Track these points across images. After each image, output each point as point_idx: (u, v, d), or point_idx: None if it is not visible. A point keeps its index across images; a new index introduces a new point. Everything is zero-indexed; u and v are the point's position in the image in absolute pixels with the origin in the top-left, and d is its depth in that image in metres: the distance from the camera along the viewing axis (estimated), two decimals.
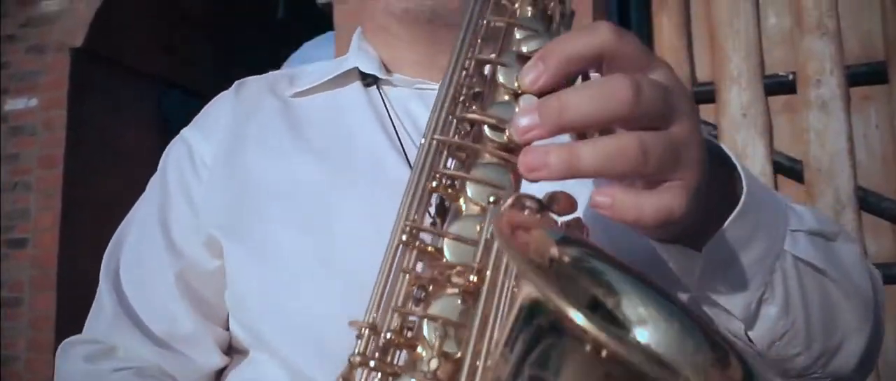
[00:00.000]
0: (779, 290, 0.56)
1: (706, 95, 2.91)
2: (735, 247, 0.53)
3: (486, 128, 0.47)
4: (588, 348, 0.29)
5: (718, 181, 0.50)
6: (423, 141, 0.49)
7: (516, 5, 0.51)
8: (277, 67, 4.47)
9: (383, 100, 0.80)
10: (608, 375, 0.29)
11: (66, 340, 0.79)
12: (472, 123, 0.48)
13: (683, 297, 0.55)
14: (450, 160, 0.48)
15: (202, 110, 0.86)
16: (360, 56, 0.85)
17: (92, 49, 3.40)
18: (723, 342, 0.36)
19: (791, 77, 2.78)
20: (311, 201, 0.73)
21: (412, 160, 0.65)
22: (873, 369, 0.67)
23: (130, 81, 3.67)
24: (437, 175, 0.47)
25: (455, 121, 0.49)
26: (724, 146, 0.56)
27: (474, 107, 0.48)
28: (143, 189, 0.84)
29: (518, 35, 0.49)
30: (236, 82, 0.88)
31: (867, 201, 2.62)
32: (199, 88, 4.00)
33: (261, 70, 2.95)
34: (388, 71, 0.83)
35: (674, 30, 2.93)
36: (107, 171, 3.50)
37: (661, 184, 0.44)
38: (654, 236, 0.51)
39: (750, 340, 0.58)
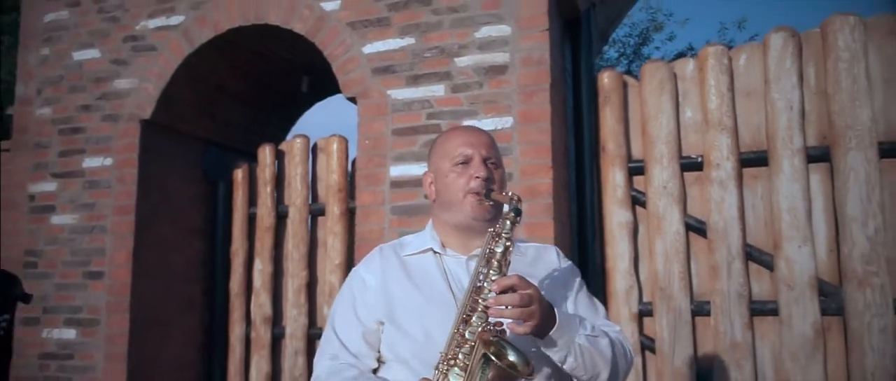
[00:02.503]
0: (572, 354, 1.58)
1: (638, 169, 3.79)
2: (555, 338, 1.55)
3: (480, 300, 1.52)
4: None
5: (550, 317, 1.52)
6: (462, 297, 1.61)
7: (500, 240, 1.49)
8: (293, 124, 5.33)
9: (443, 263, 1.77)
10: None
11: (317, 356, 1.74)
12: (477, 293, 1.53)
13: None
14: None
15: (365, 259, 1.84)
16: (431, 240, 1.81)
17: (156, 120, 4.19)
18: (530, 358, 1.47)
19: (700, 159, 3.67)
20: (415, 308, 1.71)
21: (456, 295, 1.69)
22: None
23: (182, 142, 4.45)
24: (465, 312, 1.51)
25: (472, 295, 1.53)
26: (557, 309, 1.61)
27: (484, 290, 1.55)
28: (191, 231, 1.92)
29: (493, 272, 1.52)
30: (378, 247, 1.86)
31: (752, 255, 3.51)
32: (234, 145, 4.80)
33: (283, 130, 4.20)
34: (443, 247, 1.77)
35: (615, 121, 3.80)
36: (164, 216, 4.27)
37: (529, 321, 1.45)
38: (529, 334, 1.53)
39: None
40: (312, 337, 4.30)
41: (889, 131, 3.39)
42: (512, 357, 1.48)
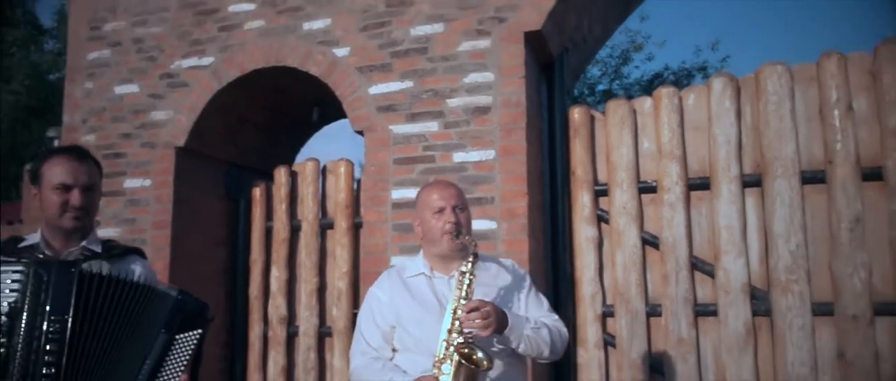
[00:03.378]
0: (523, 342, 2.32)
1: (603, 192, 4.42)
2: (509, 334, 2.29)
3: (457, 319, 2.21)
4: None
5: (504, 320, 2.26)
6: (446, 313, 2.34)
7: (465, 277, 2.27)
8: (302, 146, 5.94)
9: (432, 283, 2.47)
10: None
11: (351, 352, 2.47)
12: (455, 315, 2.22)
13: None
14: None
15: (378, 281, 2.58)
16: (423, 266, 2.51)
17: (188, 147, 4.82)
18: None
19: (654, 184, 4.30)
20: (415, 315, 2.41)
21: (442, 304, 2.41)
22: (557, 358, 2.45)
23: (208, 164, 5.06)
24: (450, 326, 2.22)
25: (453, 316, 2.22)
26: (509, 313, 2.36)
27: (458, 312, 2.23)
28: (217, 243, 2.92)
29: (463, 298, 2.27)
30: (386, 271, 2.59)
31: (697, 265, 4.15)
32: (252, 166, 5.42)
33: (293, 151, 5.11)
34: (431, 270, 2.48)
35: (583, 151, 4.44)
36: (195, 230, 4.89)
37: (488, 328, 2.16)
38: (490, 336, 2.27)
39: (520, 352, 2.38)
40: (322, 335, 4.92)
41: (810, 162, 4.04)
42: (479, 355, 2.23)
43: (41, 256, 2.24)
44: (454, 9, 4.27)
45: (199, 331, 2.20)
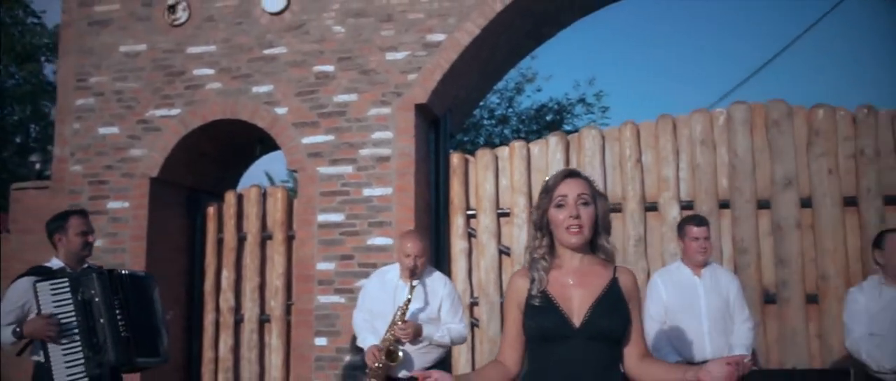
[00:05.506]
0: (432, 342, 3.98)
1: (472, 216, 6.02)
2: (422, 339, 3.97)
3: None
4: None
5: (419, 331, 3.92)
6: (391, 317, 3.99)
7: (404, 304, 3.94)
8: (245, 170, 7.41)
9: (397, 285, 4.09)
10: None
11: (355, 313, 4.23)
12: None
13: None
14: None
15: (372, 276, 4.38)
16: (398, 274, 4.16)
17: (159, 177, 6.18)
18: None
19: (508, 211, 5.94)
20: (385, 301, 4.04)
21: (396, 302, 4.05)
22: (458, 345, 4.41)
23: (173, 189, 6.41)
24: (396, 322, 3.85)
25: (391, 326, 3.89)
26: (423, 326, 4.04)
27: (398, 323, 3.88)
28: (180, 250, 5.63)
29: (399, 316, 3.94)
30: (380, 269, 4.40)
31: None
32: (206, 189, 6.80)
33: (238, 175, 7.28)
34: (400, 279, 4.11)
35: (459, 186, 6.05)
36: (163, 241, 6.25)
37: (408, 337, 3.85)
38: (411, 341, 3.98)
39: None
40: (263, 321, 6.36)
41: (612, 197, 5.74)
42: (400, 353, 3.81)
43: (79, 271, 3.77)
44: (366, 84, 5.81)
45: (157, 290, 3.88)
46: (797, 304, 5.38)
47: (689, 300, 3.90)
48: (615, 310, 2.18)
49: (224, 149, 6.75)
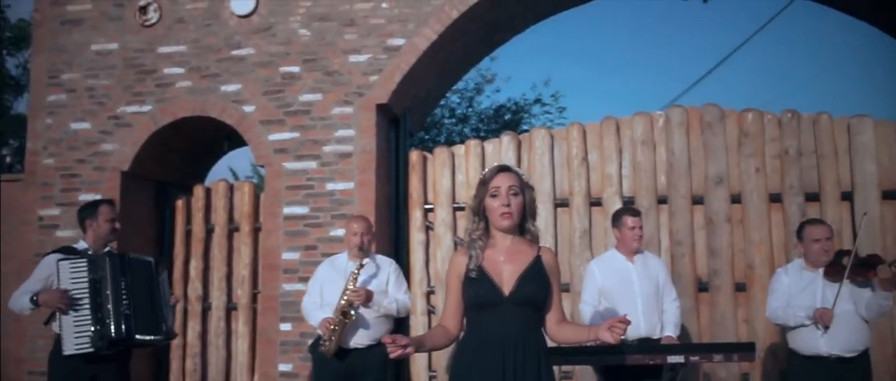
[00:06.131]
0: (382, 309, 4.35)
1: (430, 210, 6.37)
2: (373, 305, 4.29)
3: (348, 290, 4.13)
4: None
5: (371, 297, 4.24)
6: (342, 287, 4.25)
7: (355, 274, 4.23)
8: (213, 165, 7.70)
9: (346, 266, 4.39)
10: None
11: (304, 298, 4.47)
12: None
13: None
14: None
15: (325, 261, 4.65)
16: (346, 257, 4.48)
17: (130, 171, 6.43)
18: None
19: (464, 205, 6.29)
20: (338, 283, 4.29)
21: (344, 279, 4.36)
22: (403, 316, 4.69)
23: (144, 183, 6.64)
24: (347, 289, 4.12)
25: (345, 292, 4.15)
26: (375, 293, 4.38)
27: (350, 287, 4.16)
28: (150, 241, 6.03)
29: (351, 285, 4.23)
30: (332, 256, 4.65)
31: None
32: (175, 183, 7.06)
33: (206, 169, 7.69)
34: (348, 260, 4.45)
35: (418, 181, 6.39)
36: (135, 232, 6.48)
37: (361, 301, 4.17)
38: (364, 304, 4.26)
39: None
40: (229, 309, 6.64)
41: (561, 193, 6.15)
42: (352, 312, 4.09)
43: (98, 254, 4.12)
44: (330, 85, 6.13)
45: (166, 273, 4.19)
46: (727, 291, 5.85)
47: (624, 284, 4.31)
48: (538, 281, 2.58)
49: (192, 145, 7.01)
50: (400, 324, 6.11)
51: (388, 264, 4.60)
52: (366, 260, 4.30)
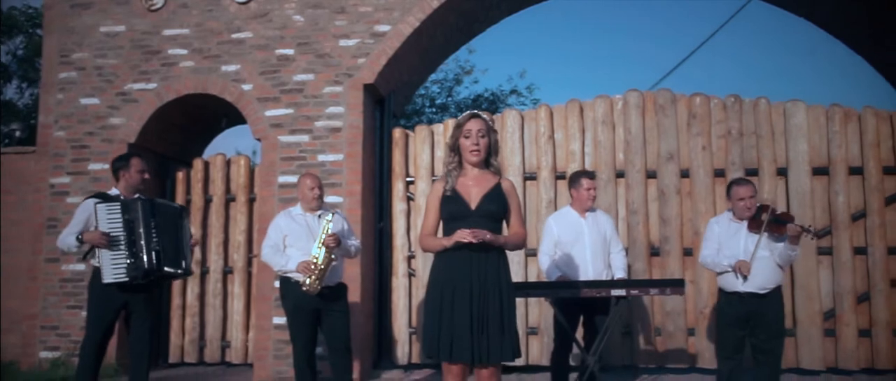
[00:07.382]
0: (345, 252, 4.86)
1: (411, 182, 6.98)
2: (341, 247, 4.79)
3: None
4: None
5: (339, 244, 4.72)
6: (319, 235, 4.74)
7: (327, 223, 4.83)
8: (211, 140, 8.31)
9: (305, 218, 4.90)
10: None
11: (263, 245, 4.83)
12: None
13: None
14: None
15: (280, 214, 5.05)
16: (301, 210, 4.98)
17: (136, 143, 6.97)
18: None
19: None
20: (294, 231, 4.83)
21: (311, 230, 4.88)
22: (354, 257, 5.45)
23: (148, 155, 7.16)
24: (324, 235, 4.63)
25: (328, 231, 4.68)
26: (342, 240, 5.19)
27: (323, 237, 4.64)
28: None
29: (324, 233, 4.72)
30: (284, 211, 5.03)
31: None
32: (176, 156, 7.61)
33: (205, 143, 8.46)
34: (303, 212, 4.96)
35: (400, 155, 7.01)
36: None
37: (333, 245, 4.66)
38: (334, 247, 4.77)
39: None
40: (226, 272, 7.21)
41: (530, 168, 6.80)
42: (333, 257, 4.63)
43: (130, 198, 4.74)
44: (321, 66, 6.72)
45: (189, 218, 4.80)
46: (676, 256, 6.53)
47: (576, 236, 4.94)
48: (497, 200, 3.24)
49: (193, 121, 7.57)
50: (382, 286, 6.76)
51: (341, 217, 5.07)
52: (321, 211, 4.83)
